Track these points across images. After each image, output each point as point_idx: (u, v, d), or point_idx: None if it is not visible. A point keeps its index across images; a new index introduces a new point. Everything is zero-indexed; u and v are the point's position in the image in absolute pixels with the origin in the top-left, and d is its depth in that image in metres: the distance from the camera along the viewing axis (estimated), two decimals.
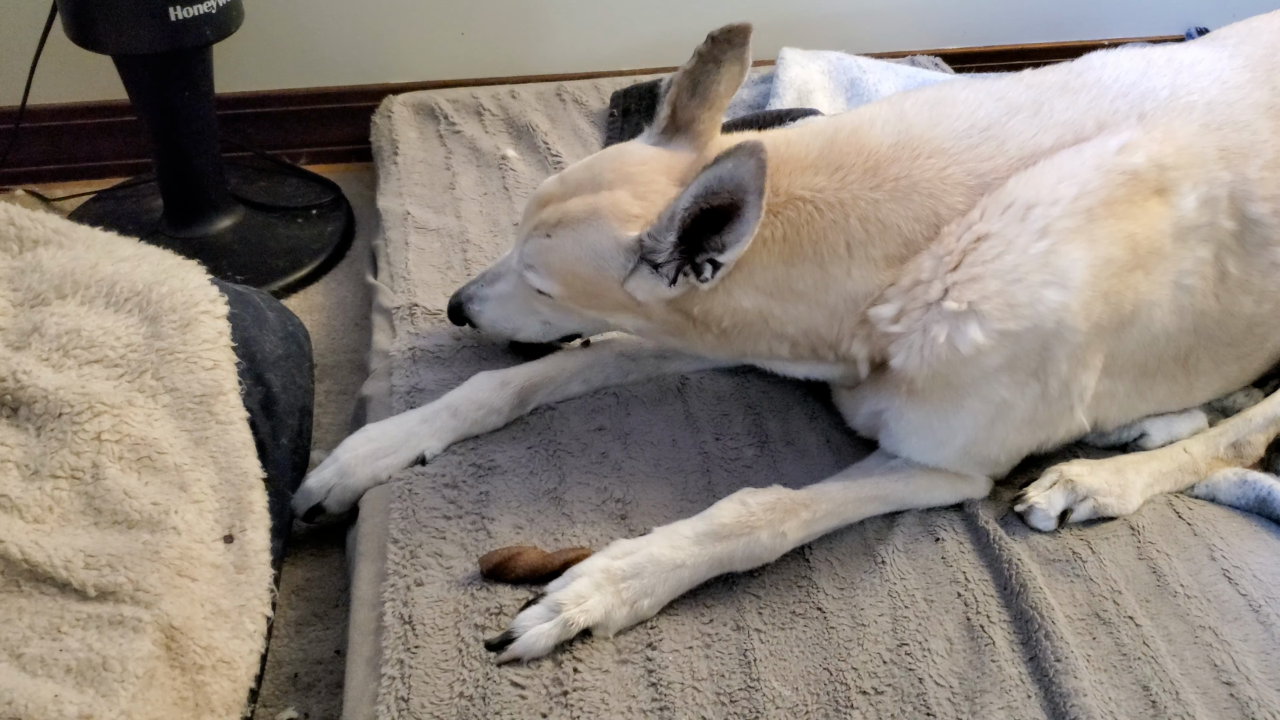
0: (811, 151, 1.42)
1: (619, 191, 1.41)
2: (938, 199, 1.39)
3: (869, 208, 1.38)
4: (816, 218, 1.38)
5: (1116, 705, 1.24)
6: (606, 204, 1.41)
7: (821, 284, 1.40)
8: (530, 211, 1.50)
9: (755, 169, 1.27)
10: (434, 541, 1.40)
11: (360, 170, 2.59)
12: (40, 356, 1.38)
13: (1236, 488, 1.53)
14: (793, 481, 1.45)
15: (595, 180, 1.44)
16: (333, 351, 2.07)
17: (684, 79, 1.43)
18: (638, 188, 1.41)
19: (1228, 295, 1.50)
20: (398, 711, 1.20)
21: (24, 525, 1.24)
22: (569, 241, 1.43)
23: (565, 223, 1.43)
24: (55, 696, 1.10)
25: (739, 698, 1.23)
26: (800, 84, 2.41)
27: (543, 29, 2.65)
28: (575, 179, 1.47)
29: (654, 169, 1.43)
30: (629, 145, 1.50)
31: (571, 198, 1.44)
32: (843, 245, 1.39)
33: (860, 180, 1.39)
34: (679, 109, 1.45)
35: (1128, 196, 1.38)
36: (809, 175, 1.40)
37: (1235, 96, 1.50)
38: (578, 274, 1.45)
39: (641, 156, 1.46)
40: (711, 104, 1.45)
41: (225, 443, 1.41)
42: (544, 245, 1.46)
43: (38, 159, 2.49)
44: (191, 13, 1.98)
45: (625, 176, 1.43)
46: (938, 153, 1.41)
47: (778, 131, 1.48)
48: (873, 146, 1.41)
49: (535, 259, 1.48)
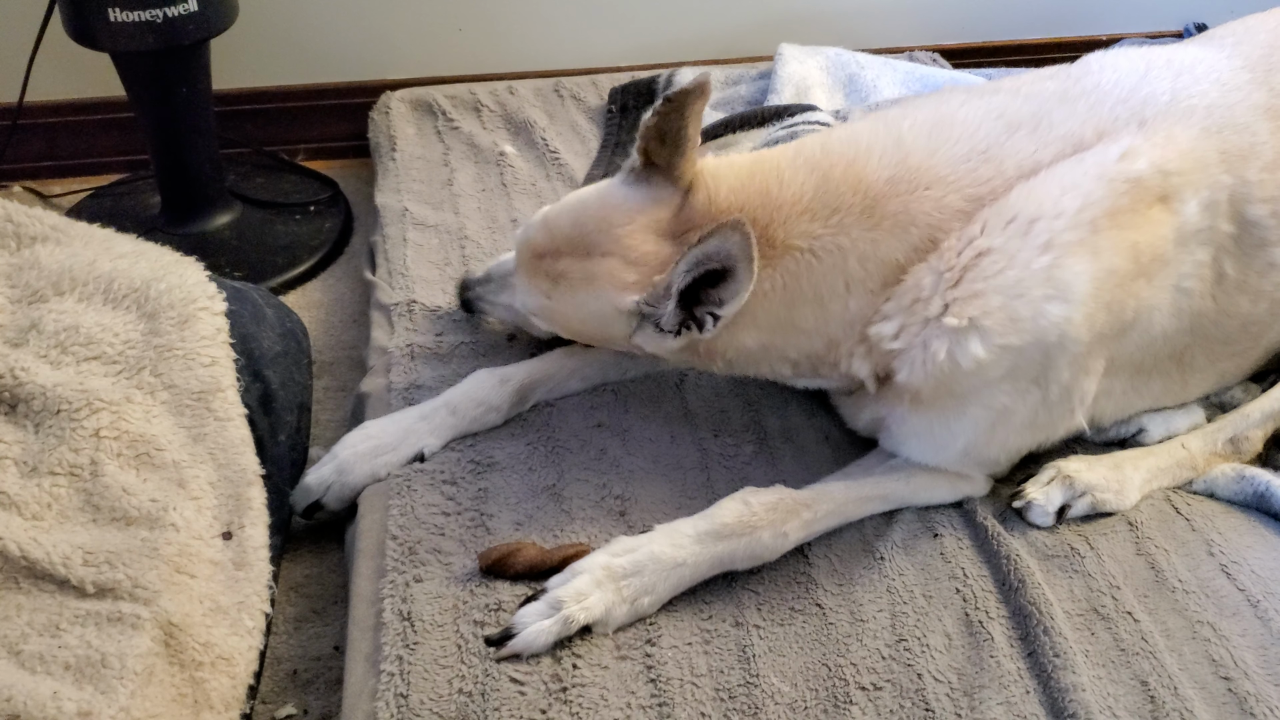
0: (806, 192, 1.38)
1: (611, 260, 1.39)
2: (935, 227, 1.38)
3: (868, 248, 1.37)
4: (815, 265, 1.38)
5: (1115, 700, 1.24)
6: (602, 273, 1.39)
7: (821, 319, 1.40)
8: (523, 257, 1.48)
9: (741, 243, 1.26)
10: (433, 538, 1.40)
11: (358, 166, 2.58)
12: (38, 353, 1.38)
13: (1234, 483, 1.53)
14: (791, 477, 1.46)
15: (585, 242, 1.41)
16: (331, 348, 2.07)
17: (650, 131, 1.38)
18: (629, 253, 1.39)
19: (1224, 296, 1.50)
20: (397, 708, 1.20)
21: (22, 522, 1.24)
22: (568, 305, 1.44)
23: (562, 286, 1.43)
24: (54, 693, 1.10)
25: (738, 694, 1.24)
26: (798, 80, 2.40)
27: (541, 25, 2.65)
28: (563, 234, 1.43)
29: (641, 228, 1.40)
30: (610, 196, 1.44)
31: (563, 256, 1.42)
32: (841, 285, 1.38)
33: (858, 221, 1.37)
34: (651, 154, 1.41)
35: (1131, 205, 1.37)
36: (804, 221, 1.38)
37: (1234, 98, 1.50)
38: (582, 331, 1.49)
39: (626, 215, 1.41)
40: (682, 147, 1.39)
41: (224, 439, 1.41)
42: (544, 304, 1.47)
43: (35, 155, 2.49)
44: (184, 10, 1.97)
45: (615, 240, 1.40)
46: (936, 183, 1.39)
47: (769, 159, 1.44)
48: (869, 181, 1.38)
49: (538, 313, 1.50)
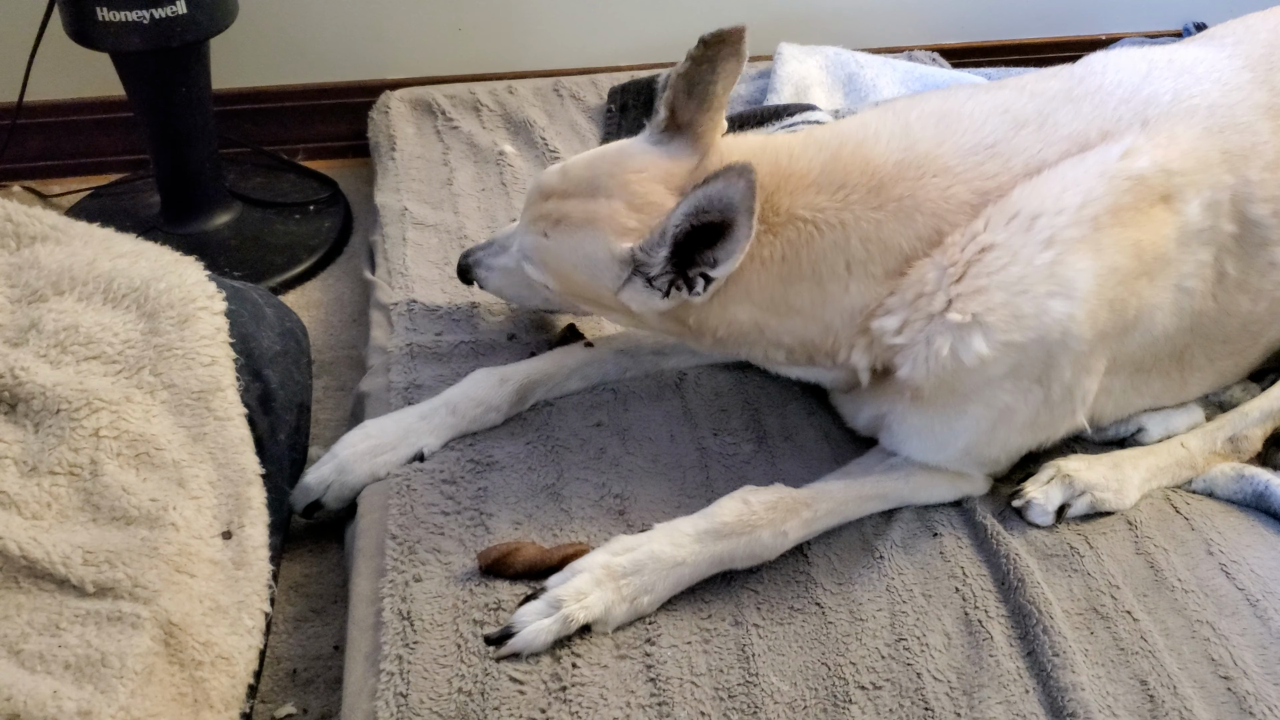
0: (814, 167, 1.40)
1: (615, 201, 1.40)
2: (941, 218, 1.38)
3: (871, 228, 1.37)
4: (817, 238, 1.37)
5: (1114, 700, 1.24)
6: (604, 213, 1.40)
7: (819, 301, 1.40)
8: (532, 199, 1.50)
9: (744, 190, 1.25)
10: (432, 537, 1.40)
11: (358, 166, 2.58)
12: (38, 353, 1.38)
13: (1234, 482, 1.53)
14: (791, 477, 1.46)
15: (594, 184, 1.42)
16: (330, 347, 2.07)
17: (679, 81, 1.41)
18: (634, 199, 1.40)
19: (1225, 295, 1.50)
20: (396, 707, 1.20)
21: (22, 521, 1.24)
22: (564, 246, 1.44)
23: (562, 226, 1.43)
24: (54, 693, 1.10)
25: (737, 693, 1.24)
26: (798, 79, 2.41)
27: (540, 25, 2.65)
28: (575, 176, 1.45)
29: (652, 177, 1.41)
30: (629, 147, 1.48)
31: (571, 197, 1.43)
32: (842, 265, 1.38)
33: (863, 200, 1.37)
34: (677, 110, 1.43)
35: (1133, 203, 1.37)
36: (810, 194, 1.38)
37: (1236, 98, 1.50)
38: (572, 277, 1.46)
39: (640, 163, 1.43)
40: (709, 104, 1.42)
41: (223, 439, 1.41)
42: (541, 244, 1.47)
43: (35, 155, 2.49)
44: (171, 12, 1.97)
45: (623, 185, 1.41)
46: (943, 171, 1.39)
47: (782, 139, 1.46)
48: (877, 163, 1.39)
49: (533, 254, 1.49)
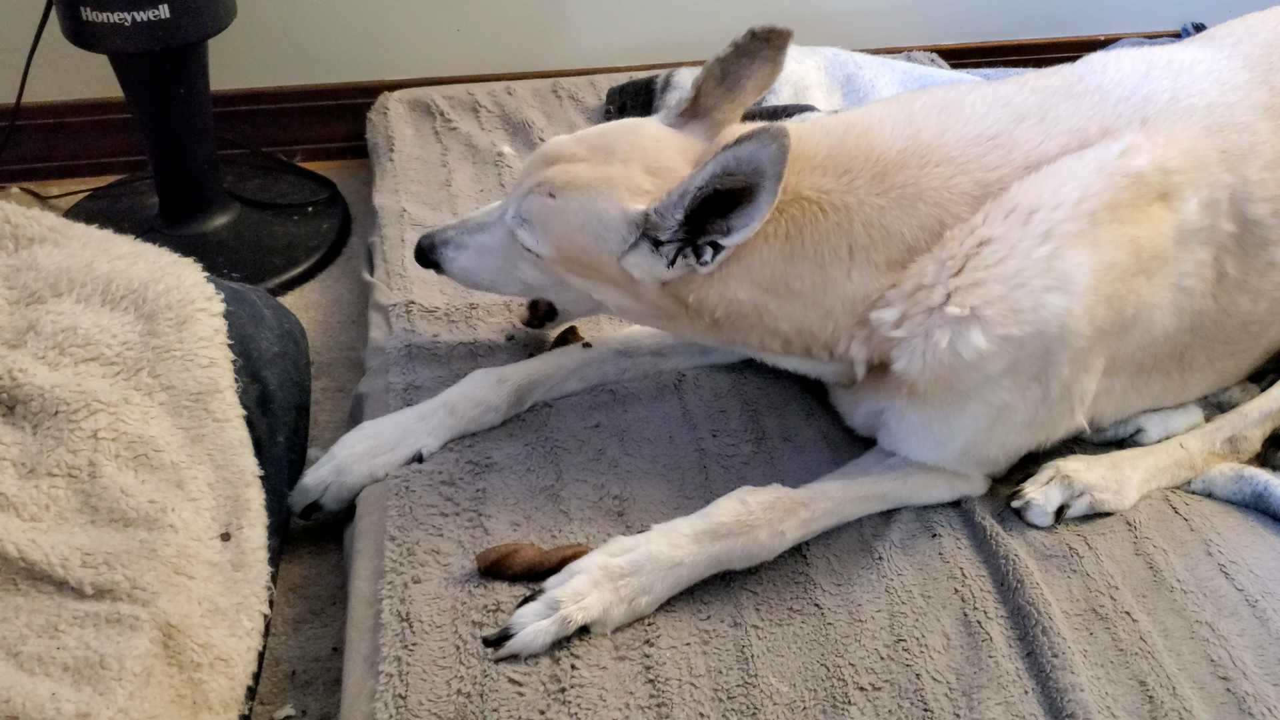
0: (820, 151, 1.41)
1: (632, 165, 1.41)
2: (943, 208, 1.38)
3: (874, 213, 1.38)
4: (820, 219, 1.38)
5: (1113, 700, 1.24)
6: (618, 175, 1.40)
7: (819, 285, 1.40)
8: (534, 166, 1.48)
9: (777, 154, 1.27)
10: (431, 539, 1.40)
11: (356, 167, 2.58)
12: (36, 354, 1.38)
13: (1233, 483, 1.53)
14: (790, 478, 1.45)
15: (609, 149, 1.44)
16: (329, 349, 2.07)
17: (716, 66, 1.45)
18: (651, 164, 1.42)
19: (1225, 295, 1.50)
20: (395, 709, 1.20)
21: (21, 524, 1.23)
22: (574, 205, 1.42)
23: (573, 186, 1.42)
24: (53, 695, 1.10)
25: (736, 694, 1.24)
26: (796, 80, 2.41)
27: (539, 26, 2.65)
28: (590, 143, 1.46)
29: (669, 148, 1.44)
30: (646, 121, 1.51)
31: (581, 161, 1.43)
32: (844, 248, 1.39)
33: (867, 185, 1.38)
34: (703, 95, 1.46)
35: (1131, 200, 1.38)
36: (816, 175, 1.39)
37: (1235, 98, 1.50)
38: (575, 240, 1.44)
39: (657, 134, 1.46)
40: (736, 96, 1.46)
41: (222, 440, 1.41)
42: (546, 204, 1.44)
43: (33, 156, 2.49)
44: (153, 16, 1.96)
45: (640, 150, 1.43)
46: (945, 161, 1.40)
47: (789, 125, 1.47)
48: (881, 150, 1.40)
49: (533, 216, 1.46)
